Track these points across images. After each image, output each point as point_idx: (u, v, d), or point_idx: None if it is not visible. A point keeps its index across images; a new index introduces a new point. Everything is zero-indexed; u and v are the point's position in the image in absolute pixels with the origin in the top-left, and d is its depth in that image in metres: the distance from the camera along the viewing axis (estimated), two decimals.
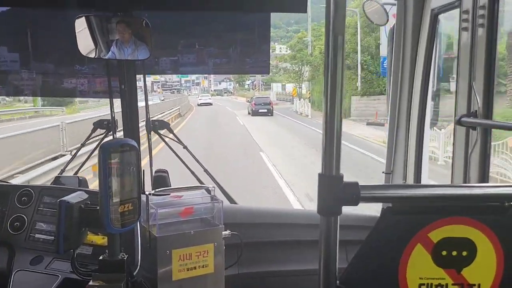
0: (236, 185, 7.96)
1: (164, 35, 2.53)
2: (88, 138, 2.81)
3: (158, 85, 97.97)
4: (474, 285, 1.09)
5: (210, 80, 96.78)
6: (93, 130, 2.65)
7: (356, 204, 1.06)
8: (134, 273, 1.91)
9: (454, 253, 1.08)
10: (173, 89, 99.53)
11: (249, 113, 36.26)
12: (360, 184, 1.06)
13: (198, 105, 47.35)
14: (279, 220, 2.49)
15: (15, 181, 7.54)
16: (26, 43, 2.59)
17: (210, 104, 49.02)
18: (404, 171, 2.45)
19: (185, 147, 2.81)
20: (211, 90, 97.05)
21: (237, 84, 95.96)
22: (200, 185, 2.24)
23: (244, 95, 71.86)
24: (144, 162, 2.09)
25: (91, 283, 1.65)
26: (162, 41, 2.52)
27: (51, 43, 2.63)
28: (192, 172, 2.70)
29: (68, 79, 2.73)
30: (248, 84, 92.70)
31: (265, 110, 35.38)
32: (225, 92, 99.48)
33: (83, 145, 2.96)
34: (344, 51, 1.05)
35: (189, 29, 2.62)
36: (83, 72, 2.68)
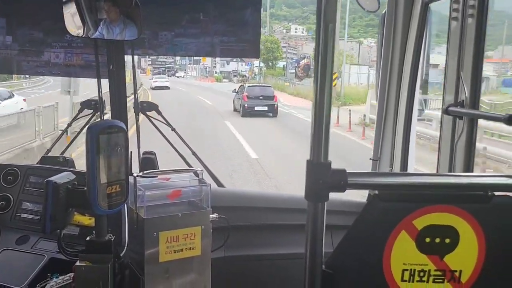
0: None
1: (153, 15, 2.49)
2: (75, 118, 2.78)
3: (148, 62, 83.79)
4: (456, 271, 1.12)
5: (215, 59, 71.10)
6: (80, 111, 2.62)
7: (343, 191, 1.08)
8: (121, 254, 1.91)
9: (438, 240, 1.11)
10: (166, 67, 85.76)
11: (235, 110, 23.85)
12: (347, 171, 1.08)
13: (152, 88, 39.82)
14: (267, 204, 2.51)
15: None
16: (9, 20, 2.54)
17: (167, 88, 41.53)
18: (391, 159, 2.48)
19: (173, 129, 2.80)
20: (216, 73, 76.97)
21: (263, 65, 65.94)
22: (188, 168, 2.24)
23: (279, 85, 42.90)
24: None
25: (78, 263, 1.66)
26: (151, 21, 2.48)
27: (35, 21, 2.57)
28: (180, 155, 2.70)
29: (52, 57, 2.68)
30: (291, 65, 59.45)
31: (265, 108, 22.33)
32: (235, 75, 71.92)
33: (70, 125, 2.93)
34: (335, 39, 1.05)
35: (178, 9, 2.58)
36: (70, 49, 2.64)
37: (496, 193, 1.11)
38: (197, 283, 1.82)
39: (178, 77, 78.54)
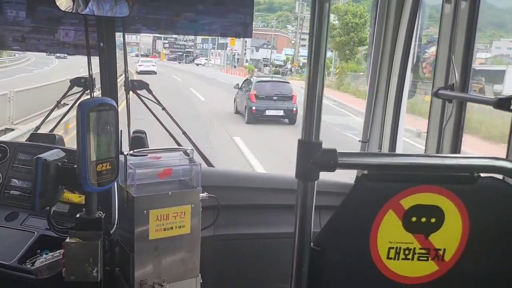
0: None
1: None
2: (64, 96, 2.75)
3: (165, 44, 73.49)
4: (440, 249, 1.15)
5: (246, 42, 51.02)
6: (70, 88, 2.60)
7: (334, 170, 1.09)
8: (111, 232, 1.93)
9: (423, 219, 1.13)
10: (186, 51, 74.08)
11: (237, 113, 17.40)
12: (338, 151, 1.09)
13: (138, 72, 33.59)
14: (257, 184, 2.53)
15: None
16: None
17: (154, 72, 35.37)
18: (380, 141, 2.51)
19: (163, 108, 2.79)
20: (247, 61, 57.59)
21: (335, 54, 36.85)
22: (178, 147, 2.24)
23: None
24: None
25: (67, 240, 1.67)
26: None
27: None
28: (171, 134, 2.70)
29: (43, 33, 2.64)
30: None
31: (280, 112, 16.07)
32: (265, 65, 52.58)
33: (59, 102, 2.90)
34: (329, 19, 1.05)
35: None
36: (59, 26, 2.59)
37: (482, 175, 1.14)
38: (187, 261, 1.84)
39: (198, 64, 63.60)
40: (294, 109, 15.96)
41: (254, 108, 15.70)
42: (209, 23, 2.58)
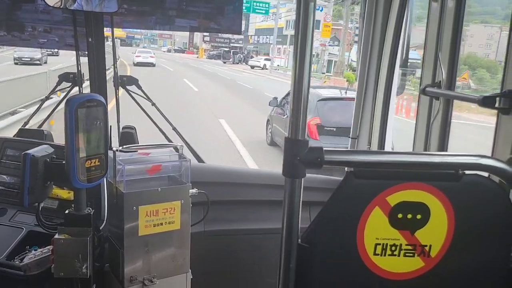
0: None
1: None
2: (52, 91, 2.73)
3: (205, 37, 60.12)
4: (426, 246, 1.17)
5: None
6: (58, 83, 2.57)
7: (320, 168, 1.10)
8: (101, 228, 1.93)
9: (409, 216, 1.15)
10: (231, 47, 57.55)
11: (273, 144, 10.26)
12: (324, 149, 1.10)
13: (134, 64, 31.34)
14: (246, 180, 2.54)
15: None
16: None
17: (152, 64, 32.94)
18: (369, 137, 2.53)
19: (153, 104, 2.78)
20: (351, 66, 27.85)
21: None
22: (168, 143, 2.24)
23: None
24: None
25: (56, 236, 1.66)
26: None
27: None
28: (161, 130, 2.69)
29: (30, 29, 2.61)
30: None
31: None
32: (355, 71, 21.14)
33: (47, 98, 2.88)
34: (315, 16, 1.06)
35: None
36: (47, 22, 2.57)
37: (467, 172, 1.16)
38: (177, 256, 1.85)
39: (253, 67, 45.23)
40: None
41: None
42: (198, 15, 2.57)
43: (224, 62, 50.28)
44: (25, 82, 11.68)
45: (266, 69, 44.20)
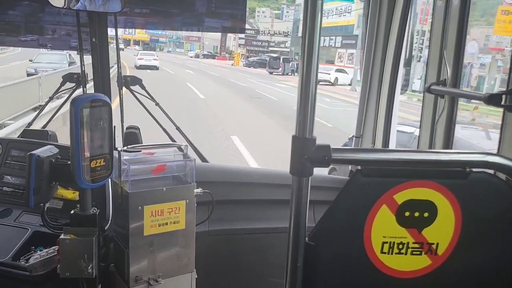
0: None
1: None
2: (56, 92, 2.73)
3: (240, 41, 50.88)
4: (433, 244, 1.17)
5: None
6: (62, 84, 2.58)
7: (327, 166, 1.10)
8: (106, 228, 1.93)
9: (417, 214, 1.15)
10: (271, 51, 46.41)
11: None
12: (331, 147, 1.10)
13: (137, 67, 28.37)
14: (251, 179, 2.54)
15: None
16: None
17: (156, 67, 30.20)
18: (373, 136, 2.52)
19: (157, 104, 2.78)
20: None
21: None
22: (172, 143, 2.24)
23: None
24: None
25: (62, 236, 1.67)
26: None
27: None
28: (164, 130, 2.69)
29: (34, 30, 2.62)
30: None
31: None
32: None
33: (51, 98, 2.88)
34: (323, 14, 1.06)
35: None
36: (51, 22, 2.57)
37: (474, 170, 1.15)
38: (181, 256, 1.85)
39: (325, 82, 30.13)
40: None
41: None
42: (203, 17, 2.56)
43: (271, 73, 36.68)
44: (14, 89, 10.40)
45: (338, 84, 30.76)
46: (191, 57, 58.12)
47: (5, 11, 2.52)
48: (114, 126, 1.81)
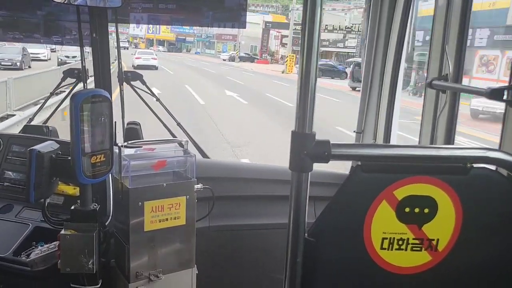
0: None
1: None
2: (57, 87, 2.73)
3: (284, 39, 41.43)
4: (433, 240, 1.16)
5: None
6: (63, 79, 2.58)
7: (327, 162, 1.09)
8: (106, 223, 1.93)
9: (417, 210, 1.14)
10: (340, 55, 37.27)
11: None
12: (331, 142, 1.09)
13: (134, 67, 25.79)
14: (251, 175, 2.53)
15: None
16: None
17: (155, 67, 28.66)
18: (375, 131, 2.51)
19: (158, 99, 2.78)
20: None
21: None
22: (173, 138, 2.24)
23: None
24: None
25: (63, 231, 1.67)
26: None
27: None
28: (165, 126, 2.69)
29: (35, 25, 2.62)
30: None
31: None
32: None
33: (52, 94, 2.89)
34: (323, 10, 1.05)
35: None
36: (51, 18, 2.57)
37: (475, 165, 1.15)
38: (182, 252, 1.85)
39: None
40: None
41: None
42: (204, 11, 2.54)
43: (354, 88, 23.66)
44: None
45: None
46: (224, 60, 47.26)
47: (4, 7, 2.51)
48: (115, 122, 1.81)
